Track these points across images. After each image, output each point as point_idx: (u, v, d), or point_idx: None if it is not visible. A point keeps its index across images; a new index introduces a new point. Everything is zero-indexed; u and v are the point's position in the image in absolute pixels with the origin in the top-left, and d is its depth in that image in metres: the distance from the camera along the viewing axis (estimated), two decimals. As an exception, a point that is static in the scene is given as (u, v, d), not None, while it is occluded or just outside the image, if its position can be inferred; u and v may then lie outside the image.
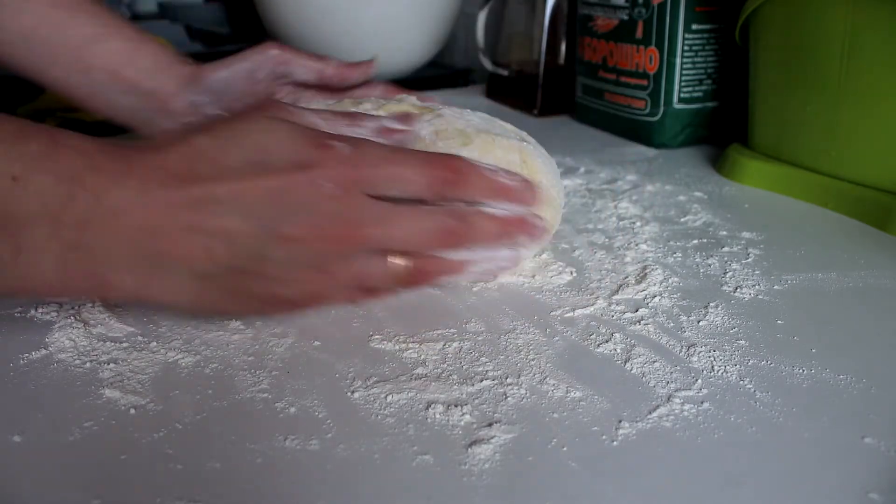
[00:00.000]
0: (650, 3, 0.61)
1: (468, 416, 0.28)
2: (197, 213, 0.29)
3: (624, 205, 0.50)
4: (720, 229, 0.46)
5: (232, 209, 0.29)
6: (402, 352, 0.33)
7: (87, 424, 0.28)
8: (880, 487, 0.25)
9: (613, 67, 0.67)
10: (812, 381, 0.30)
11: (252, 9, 0.93)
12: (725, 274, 0.40)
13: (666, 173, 0.58)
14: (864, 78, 0.46)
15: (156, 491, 0.25)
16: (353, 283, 0.33)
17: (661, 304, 0.37)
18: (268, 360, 0.32)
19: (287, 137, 0.31)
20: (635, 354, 0.32)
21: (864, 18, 0.45)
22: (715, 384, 0.30)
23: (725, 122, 0.65)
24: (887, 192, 0.47)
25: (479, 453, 0.26)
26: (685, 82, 0.62)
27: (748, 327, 0.35)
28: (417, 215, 0.33)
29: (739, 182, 0.55)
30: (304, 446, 0.27)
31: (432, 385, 0.30)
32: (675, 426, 0.28)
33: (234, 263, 0.30)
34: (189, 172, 0.29)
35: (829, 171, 0.50)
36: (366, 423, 0.28)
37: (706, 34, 0.61)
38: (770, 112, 0.54)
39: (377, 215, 0.32)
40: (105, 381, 0.30)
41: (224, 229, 0.29)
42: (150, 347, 0.33)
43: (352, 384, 0.30)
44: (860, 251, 0.43)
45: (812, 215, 0.49)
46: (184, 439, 0.27)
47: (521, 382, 0.30)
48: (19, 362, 0.32)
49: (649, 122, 0.64)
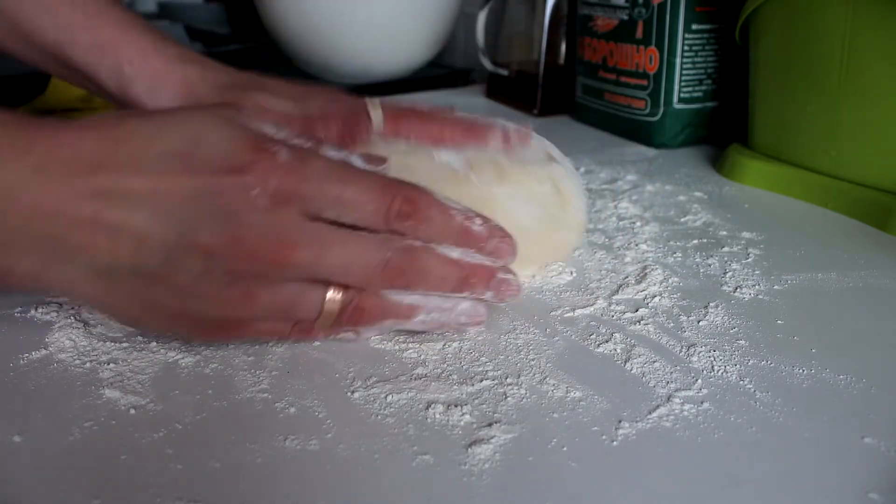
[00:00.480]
0: (650, 3, 0.61)
1: (468, 416, 0.28)
2: (103, 204, 0.26)
3: (624, 205, 0.50)
4: (720, 229, 0.46)
5: (144, 206, 0.26)
6: (402, 352, 0.33)
7: (87, 424, 0.28)
8: (880, 487, 0.25)
9: (613, 67, 0.67)
10: (812, 381, 0.30)
11: (252, 9, 0.93)
12: (725, 274, 0.40)
13: (666, 173, 0.58)
14: (864, 78, 0.46)
15: (156, 491, 0.25)
16: (282, 314, 0.30)
17: (660, 304, 0.37)
18: (268, 360, 0.32)
19: (224, 135, 0.28)
20: (635, 354, 0.32)
21: (864, 18, 0.45)
22: (715, 384, 0.30)
23: (725, 122, 0.65)
24: (887, 192, 0.47)
25: (479, 453, 0.26)
26: (685, 82, 0.62)
27: (748, 327, 0.35)
28: (359, 243, 0.29)
29: (739, 182, 0.55)
30: (304, 446, 0.27)
31: (432, 385, 0.30)
32: (675, 426, 0.28)
33: (140, 266, 0.27)
34: (105, 158, 0.27)
35: (829, 171, 0.50)
36: (366, 423, 0.28)
37: (706, 34, 0.61)
38: (770, 112, 0.54)
39: (312, 237, 0.28)
40: (105, 381, 0.30)
41: (132, 227, 0.26)
42: (150, 347, 0.33)
43: (352, 384, 0.30)
44: (860, 251, 0.43)
45: (812, 215, 0.49)
46: (184, 439, 0.27)
47: (521, 382, 0.30)
48: (19, 362, 0.32)
49: (649, 122, 0.64)
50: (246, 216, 0.27)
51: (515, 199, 0.37)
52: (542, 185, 0.39)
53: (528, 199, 0.38)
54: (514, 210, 0.37)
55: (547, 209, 0.39)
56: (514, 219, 0.37)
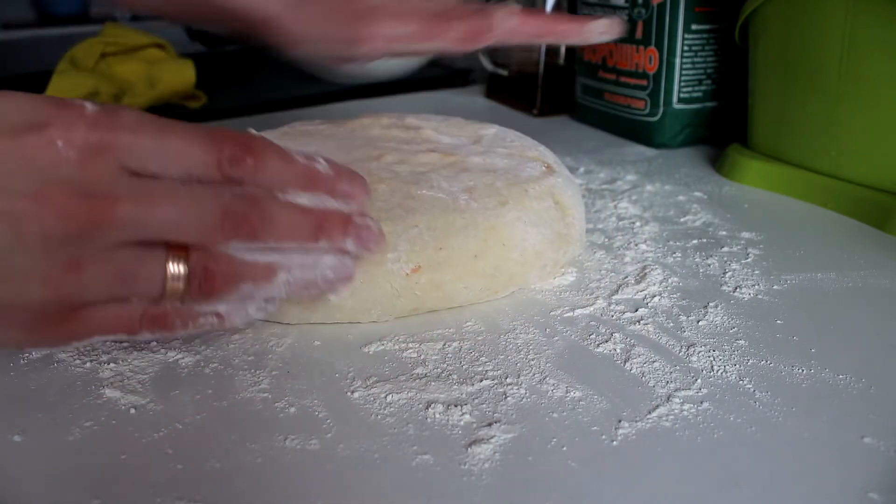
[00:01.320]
0: (650, 3, 0.61)
1: (468, 415, 0.28)
2: None
3: (623, 205, 0.50)
4: (720, 229, 0.46)
5: None
6: (401, 352, 0.33)
7: (87, 424, 0.28)
8: (880, 487, 0.25)
9: (613, 67, 0.67)
10: (812, 381, 0.30)
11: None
12: (725, 274, 0.40)
13: (666, 173, 0.58)
14: (864, 78, 0.46)
15: (156, 491, 0.25)
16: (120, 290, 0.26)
17: (660, 304, 0.37)
18: (268, 360, 0.32)
19: (23, 100, 0.25)
20: (635, 354, 0.32)
21: (864, 18, 0.45)
22: (714, 384, 0.30)
23: (725, 122, 0.65)
24: (887, 192, 0.47)
25: (479, 453, 0.26)
26: (685, 82, 0.62)
27: (748, 327, 0.35)
28: (191, 194, 0.26)
29: (739, 182, 0.55)
30: (304, 446, 0.27)
31: (432, 385, 0.30)
32: (674, 426, 0.28)
33: None
34: None
35: (829, 171, 0.50)
36: (366, 423, 0.28)
37: (706, 34, 0.61)
38: (770, 112, 0.54)
39: (134, 190, 0.25)
40: (105, 380, 0.30)
41: None
42: (150, 347, 0.33)
43: (352, 384, 0.30)
44: (860, 251, 0.43)
45: (812, 215, 0.49)
46: (184, 439, 0.27)
47: (521, 382, 0.30)
48: (19, 362, 0.32)
49: (649, 122, 0.64)
50: (53, 171, 0.24)
51: (518, 223, 0.37)
52: (542, 202, 0.38)
53: (532, 222, 0.37)
54: (520, 234, 0.37)
55: (552, 227, 0.38)
56: (521, 244, 0.36)
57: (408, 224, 0.35)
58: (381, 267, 0.34)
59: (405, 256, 0.34)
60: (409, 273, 0.34)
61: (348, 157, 0.41)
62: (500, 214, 0.36)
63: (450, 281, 0.35)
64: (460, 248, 0.35)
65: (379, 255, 0.33)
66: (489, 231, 0.36)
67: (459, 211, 0.36)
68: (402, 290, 0.34)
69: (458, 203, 0.37)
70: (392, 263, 0.34)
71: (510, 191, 0.38)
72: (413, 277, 0.34)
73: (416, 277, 0.34)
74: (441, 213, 0.36)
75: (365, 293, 0.34)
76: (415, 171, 0.40)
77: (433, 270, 0.34)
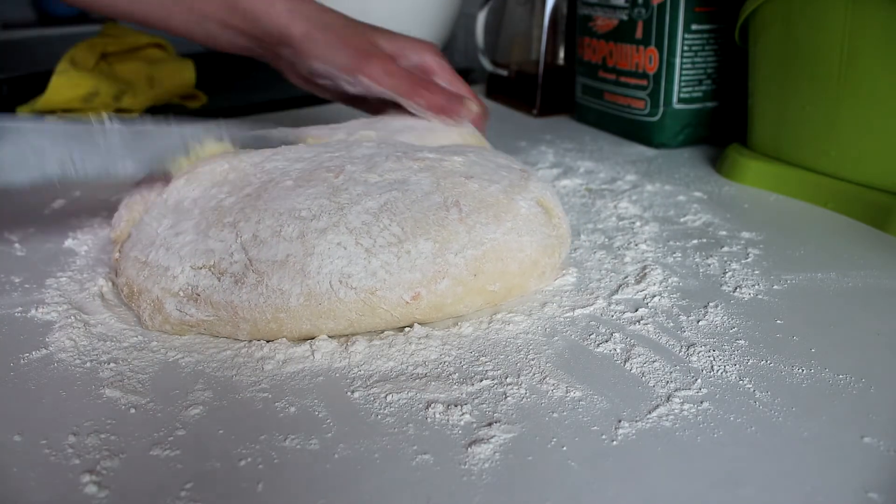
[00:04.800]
0: (650, 3, 0.61)
1: (468, 415, 0.28)
2: None
3: (623, 205, 0.50)
4: (720, 229, 0.46)
5: None
6: (402, 351, 0.33)
7: (87, 424, 0.28)
8: (880, 487, 0.25)
9: (613, 67, 0.67)
10: (811, 381, 0.30)
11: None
12: (725, 274, 0.40)
13: (665, 173, 0.58)
14: (864, 78, 0.46)
15: (156, 491, 0.25)
16: None
17: (660, 304, 0.37)
18: (268, 360, 0.32)
19: None
20: (635, 354, 0.32)
21: (864, 18, 0.45)
22: (714, 384, 0.30)
23: (725, 122, 0.65)
24: (887, 192, 0.47)
25: (479, 453, 0.26)
26: (685, 82, 0.62)
27: (748, 327, 0.35)
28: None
29: (739, 182, 0.55)
30: (304, 446, 0.27)
31: (432, 384, 0.30)
32: (674, 426, 0.28)
33: None
34: None
35: (829, 171, 0.50)
36: (366, 423, 0.28)
37: (706, 34, 0.61)
38: (769, 112, 0.54)
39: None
40: (105, 380, 0.30)
41: None
42: (150, 347, 0.33)
43: (352, 384, 0.30)
44: (860, 251, 0.43)
45: (812, 215, 0.49)
46: (184, 439, 0.27)
47: (521, 382, 0.30)
48: (19, 362, 0.32)
49: (649, 122, 0.64)
50: None
51: (513, 234, 0.36)
52: (531, 208, 0.38)
53: (524, 231, 0.37)
54: (515, 246, 0.36)
55: (542, 232, 0.37)
56: (517, 255, 0.36)
57: (402, 250, 0.34)
58: (380, 298, 0.33)
59: (405, 285, 0.33)
60: (409, 301, 0.34)
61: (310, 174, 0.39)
62: (495, 230, 0.36)
63: (450, 303, 0.35)
64: (459, 272, 0.34)
65: (378, 287, 0.33)
66: (487, 251, 0.35)
67: (455, 232, 0.35)
68: (403, 316, 0.34)
69: (448, 216, 0.35)
70: (390, 292, 0.33)
71: (497, 199, 0.37)
72: (413, 304, 0.34)
73: (416, 304, 0.34)
74: (436, 233, 0.35)
75: (367, 321, 0.33)
76: (392, 181, 0.37)
77: (433, 295, 0.34)
